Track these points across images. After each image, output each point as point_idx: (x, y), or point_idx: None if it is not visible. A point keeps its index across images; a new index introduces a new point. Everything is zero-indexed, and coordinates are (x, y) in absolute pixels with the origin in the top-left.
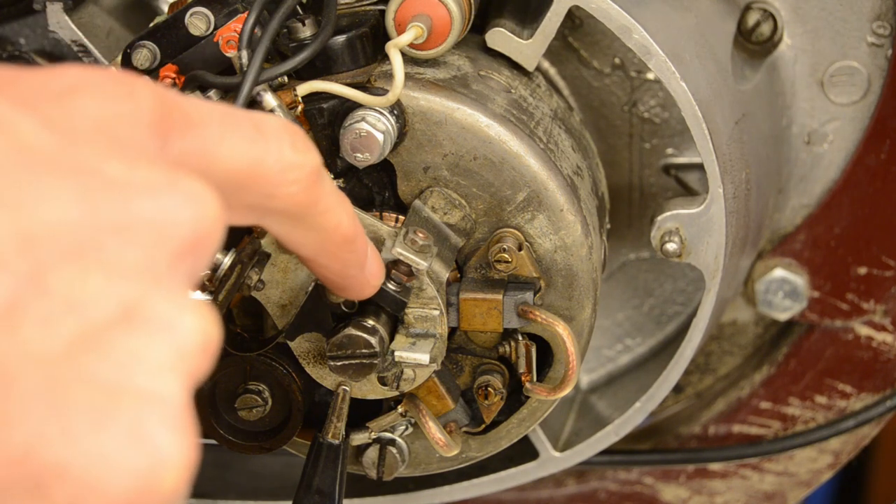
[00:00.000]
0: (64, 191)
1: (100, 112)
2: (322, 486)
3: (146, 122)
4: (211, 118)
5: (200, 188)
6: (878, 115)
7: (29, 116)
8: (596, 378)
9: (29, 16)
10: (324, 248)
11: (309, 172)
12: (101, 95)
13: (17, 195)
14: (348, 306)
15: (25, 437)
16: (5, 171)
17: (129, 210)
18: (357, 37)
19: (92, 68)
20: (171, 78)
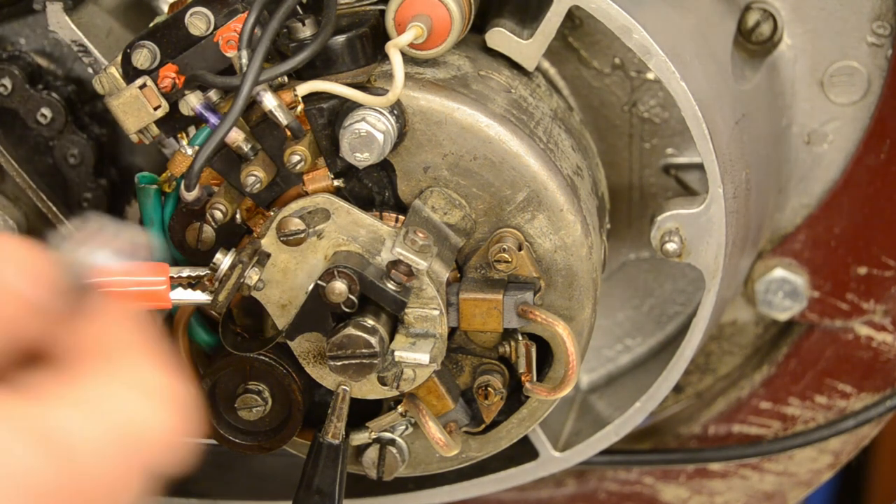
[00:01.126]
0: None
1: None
2: (322, 486)
3: None
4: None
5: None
6: (878, 115)
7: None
8: (596, 378)
9: (29, 16)
10: None
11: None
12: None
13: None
14: (348, 306)
15: None
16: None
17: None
18: (357, 37)
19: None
20: (171, 78)
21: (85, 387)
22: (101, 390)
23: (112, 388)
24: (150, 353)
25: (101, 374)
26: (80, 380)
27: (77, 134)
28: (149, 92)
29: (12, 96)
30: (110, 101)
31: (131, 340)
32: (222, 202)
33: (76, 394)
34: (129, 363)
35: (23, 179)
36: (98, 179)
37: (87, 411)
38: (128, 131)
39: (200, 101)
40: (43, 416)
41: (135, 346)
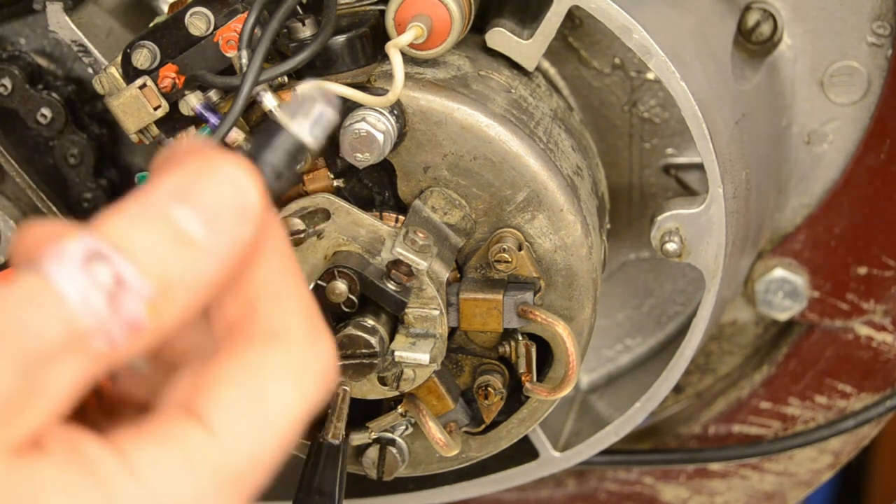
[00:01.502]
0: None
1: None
2: (322, 487)
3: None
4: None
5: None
6: (878, 115)
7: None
8: (596, 378)
9: (29, 16)
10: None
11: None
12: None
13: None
14: (348, 306)
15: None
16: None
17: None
18: (357, 37)
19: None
20: (171, 78)
21: (243, 387)
22: (258, 388)
23: (267, 383)
24: (304, 312)
25: (263, 363)
26: (245, 375)
27: (77, 134)
28: (149, 92)
29: (12, 96)
30: (110, 101)
31: (287, 295)
32: None
33: (233, 399)
34: (287, 337)
35: (23, 179)
36: (98, 179)
37: (248, 426)
38: (128, 131)
39: (200, 101)
40: (218, 455)
41: (291, 304)
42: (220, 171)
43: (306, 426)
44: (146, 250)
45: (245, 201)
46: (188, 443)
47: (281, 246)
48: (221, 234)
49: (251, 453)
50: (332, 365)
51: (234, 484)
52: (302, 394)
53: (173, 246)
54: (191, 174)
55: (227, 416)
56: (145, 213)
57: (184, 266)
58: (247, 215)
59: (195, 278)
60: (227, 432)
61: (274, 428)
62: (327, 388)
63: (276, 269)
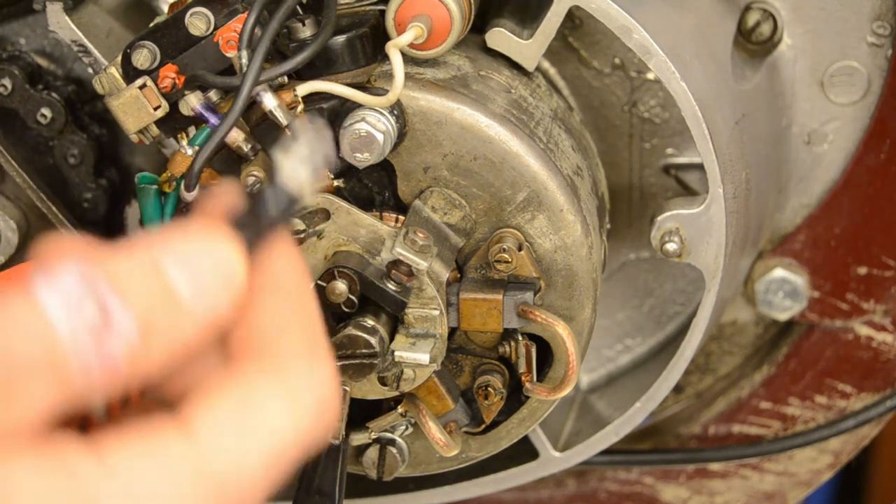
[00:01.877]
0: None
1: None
2: (322, 487)
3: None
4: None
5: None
6: (878, 115)
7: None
8: (596, 378)
9: (29, 16)
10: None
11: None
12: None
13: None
14: (348, 306)
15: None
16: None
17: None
18: (357, 37)
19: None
20: (171, 78)
21: (231, 398)
22: (247, 400)
23: (257, 396)
24: (303, 339)
25: (255, 381)
26: (235, 390)
27: (77, 134)
28: (149, 92)
29: (12, 96)
30: (110, 102)
31: (288, 322)
32: None
33: (220, 410)
34: (282, 360)
35: (23, 179)
36: (98, 179)
37: (232, 437)
38: (128, 131)
39: (200, 101)
40: (195, 456)
41: (290, 331)
42: (214, 242)
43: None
44: (137, 295)
45: (230, 274)
46: (167, 444)
47: (289, 280)
48: (206, 301)
49: (236, 465)
50: (332, 393)
51: (215, 491)
52: (295, 418)
53: (161, 299)
54: (187, 238)
55: (211, 424)
56: (142, 261)
57: (167, 320)
58: (230, 291)
59: (173, 335)
60: (208, 437)
61: (262, 445)
62: (325, 421)
63: (283, 303)
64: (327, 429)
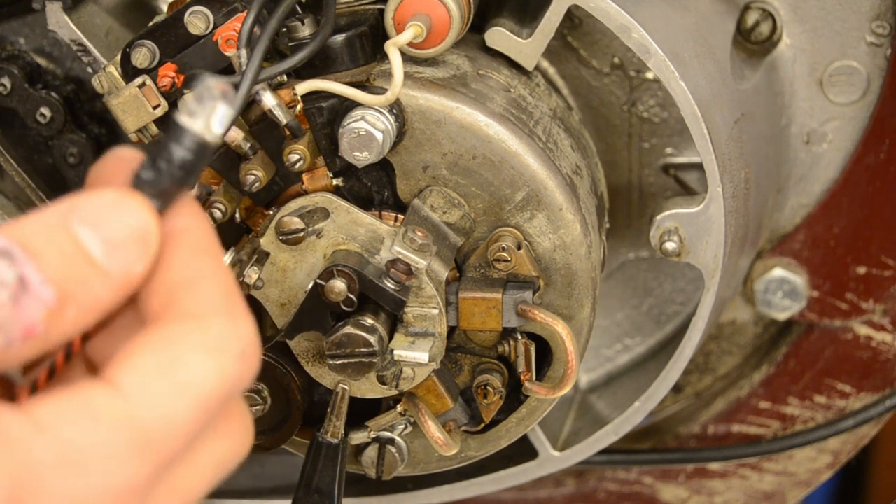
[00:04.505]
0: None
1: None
2: (321, 486)
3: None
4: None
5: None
6: (878, 115)
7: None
8: (595, 378)
9: (28, 15)
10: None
11: None
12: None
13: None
14: (347, 305)
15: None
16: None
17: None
18: (356, 36)
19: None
20: (171, 77)
21: (154, 354)
22: (170, 356)
23: (180, 352)
24: (218, 291)
25: (175, 334)
26: (157, 345)
27: (76, 133)
28: (148, 91)
29: (11, 96)
30: (109, 101)
31: (201, 276)
32: (221, 201)
33: (144, 366)
34: (199, 313)
35: (22, 179)
36: None
37: (159, 388)
38: (127, 130)
39: None
40: (123, 408)
41: (205, 285)
42: (123, 202)
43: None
44: (51, 259)
45: (143, 235)
46: (94, 398)
47: (197, 235)
48: (118, 261)
49: (162, 414)
50: (253, 344)
51: (143, 440)
52: (218, 366)
53: (75, 261)
54: (96, 199)
55: (136, 377)
56: (54, 226)
57: (82, 284)
58: (143, 249)
59: (89, 296)
60: (135, 391)
61: (187, 393)
62: (249, 367)
63: (192, 257)
64: (251, 373)
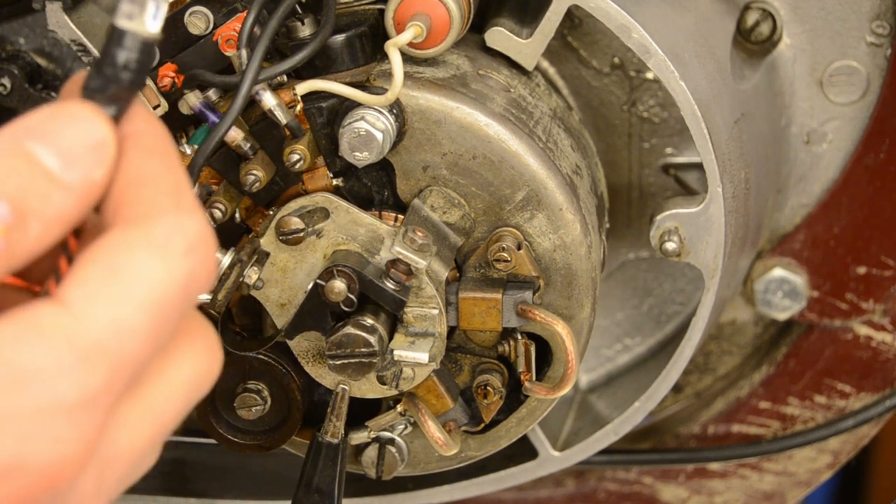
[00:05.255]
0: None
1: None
2: (321, 486)
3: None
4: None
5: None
6: (878, 115)
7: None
8: (595, 377)
9: (28, 15)
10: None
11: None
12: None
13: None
14: (347, 305)
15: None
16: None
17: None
18: (356, 36)
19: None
20: (171, 77)
21: (99, 263)
22: (114, 262)
23: (124, 257)
24: (167, 192)
25: (122, 240)
26: (104, 255)
27: None
28: (148, 91)
29: (11, 96)
30: None
31: (151, 178)
32: (221, 201)
33: (91, 276)
34: (148, 215)
35: None
36: None
37: (107, 296)
38: None
39: (200, 99)
40: (68, 321)
41: (154, 186)
42: (74, 113)
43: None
44: (6, 178)
45: (98, 141)
46: (39, 317)
47: (148, 137)
48: (76, 171)
49: (112, 322)
50: (201, 239)
51: (92, 350)
52: (168, 265)
53: (31, 177)
54: (48, 115)
55: (81, 290)
56: (5, 146)
57: (41, 198)
58: (100, 155)
59: (50, 210)
60: (82, 303)
61: (137, 297)
62: (199, 263)
63: (142, 160)
64: (208, 273)
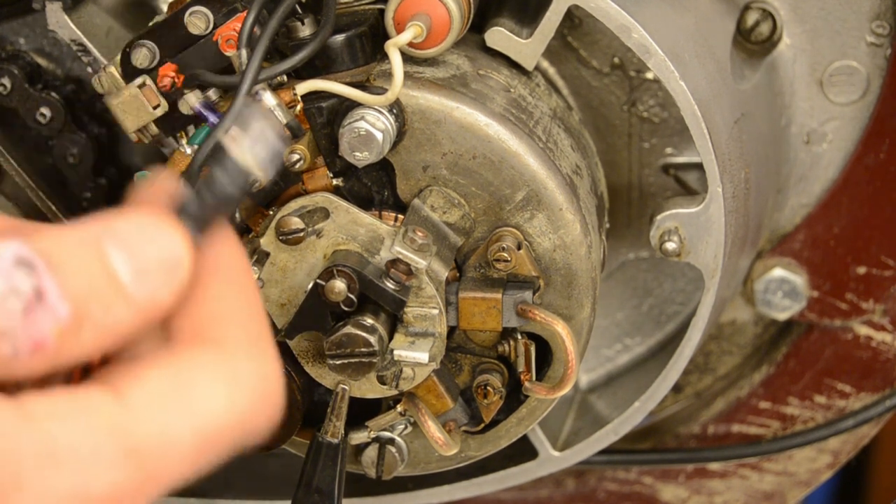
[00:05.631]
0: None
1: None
2: (321, 486)
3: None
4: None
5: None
6: (878, 115)
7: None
8: (595, 377)
9: (28, 15)
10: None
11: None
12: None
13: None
14: (347, 305)
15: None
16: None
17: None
18: (356, 36)
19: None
20: (171, 77)
21: (167, 373)
22: (183, 378)
23: (194, 376)
24: (248, 327)
25: (194, 360)
26: (173, 366)
27: (76, 133)
28: (148, 91)
29: (11, 95)
30: (109, 101)
31: (233, 310)
32: None
33: (157, 382)
34: (224, 344)
35: (22, 179)
36: (97, 179)
37: (165, 405)
38: (127, 130)
39: (200, 99)
40: (120, 416)
41: (235, 318)
42: (160, 228)
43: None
44: (74, 275)
45: (175, 264)
46: (93, 401)
47: (232, 266)
48: (146, 288)
49: (162, 433)
50: (276, 387)
51: (134, 451)
52: (232, 400)
53: (100, 282)
54: (134, 224)
55: (141, 390)
56: (85, 243)
57: (103, 306)
58: (173, 278)
59: (108, 320)
60: (138, 403)
61: (193, 419)
62: (266, 408)
63: (226, 290)
64: (268, 419)
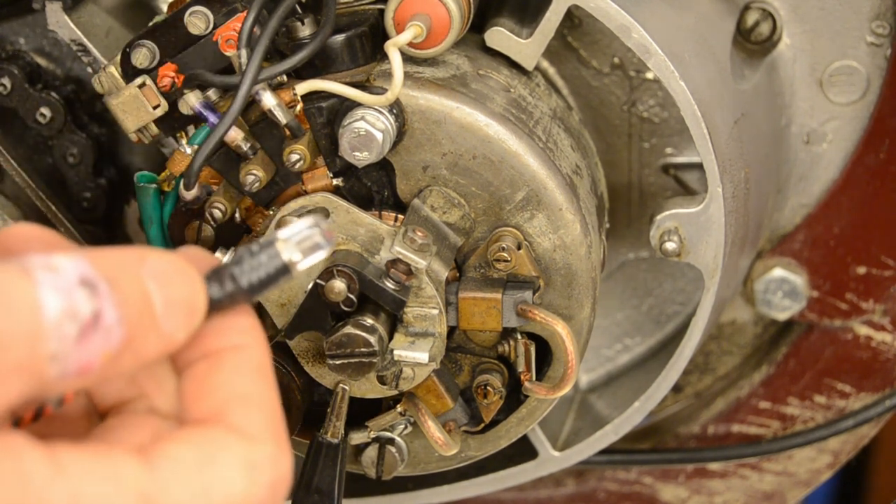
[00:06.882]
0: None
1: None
2: (321, 486)
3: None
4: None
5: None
6: (878, 115)
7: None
8: (595, 378)
9: (28, 15)
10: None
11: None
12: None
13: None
14: (347, 305)
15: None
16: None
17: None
18: (356, 36)
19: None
20: (171, 77)
21: (198, 451)
22: (210, 459)
23: (220, 458)
24: (268, 414)
25: (218, 441)
26: (199, 446)
27: (76, 133)
28: (148, 91)
29: (11, 96)
30: (109, 101)
31: (255, 395)
32: (221, 201)
33: (183, 457)
34: (245, 430)
35: (22, 179)
36: (97, 179)
37: (188, 481)
38: (127, 130)
39: (199, 99)
40: (146, 484)
41: (257, 404)
42: (188, 269)
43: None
44: (129, 301)
45: (195, 308)
46: (123, 464)
47: (255, 354)
48: (171, 322)
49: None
50: (285, 479)
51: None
52: (248, 487)
53: (144, 311)
54: (169, 258)
55: (171, 463)
56: (127, 267)
57: (144, 334)
58: (191, 320)
59: (143, 350)
60: (166, 474)
61: (209, 497)
62: (274, 498)
63: (248, 375)
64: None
